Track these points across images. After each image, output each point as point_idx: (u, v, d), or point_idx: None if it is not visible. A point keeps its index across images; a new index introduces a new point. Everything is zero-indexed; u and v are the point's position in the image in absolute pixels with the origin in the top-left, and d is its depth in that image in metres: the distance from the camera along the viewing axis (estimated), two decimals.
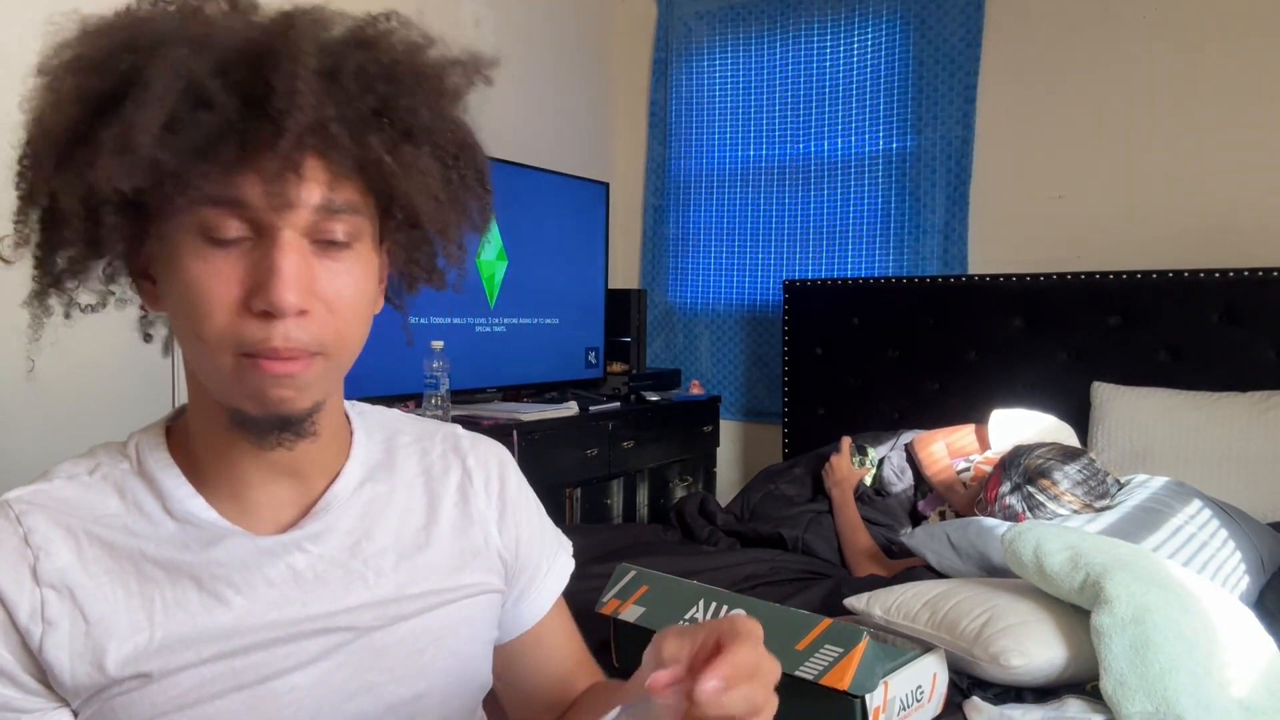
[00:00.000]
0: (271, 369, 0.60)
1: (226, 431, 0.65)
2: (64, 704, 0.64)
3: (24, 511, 0.65)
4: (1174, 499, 1.90)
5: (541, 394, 3.02)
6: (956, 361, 2.83)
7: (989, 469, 2.13)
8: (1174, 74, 2.66)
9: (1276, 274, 2.40)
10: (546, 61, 3.36)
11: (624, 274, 3.69)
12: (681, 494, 3.32)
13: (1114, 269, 2.62)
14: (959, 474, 2.38)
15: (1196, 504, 1.89)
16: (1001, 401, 2.53)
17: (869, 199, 3.16)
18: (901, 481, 2.50)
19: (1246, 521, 1.93)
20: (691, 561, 2.02)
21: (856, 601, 1.60)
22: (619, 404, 3.01)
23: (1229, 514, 1.91)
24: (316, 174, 0.59)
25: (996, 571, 1.73)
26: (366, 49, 0.61)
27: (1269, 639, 1.44)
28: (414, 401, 2.40)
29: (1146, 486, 1.96)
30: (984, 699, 1.39)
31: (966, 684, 1.44)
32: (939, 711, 1.35)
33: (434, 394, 2.36)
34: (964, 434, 2.52)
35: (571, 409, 2.75)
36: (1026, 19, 2.87)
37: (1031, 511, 1.92)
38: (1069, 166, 2.83)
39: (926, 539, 1.87)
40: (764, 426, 3.45)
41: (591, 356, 3.21)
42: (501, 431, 2.42)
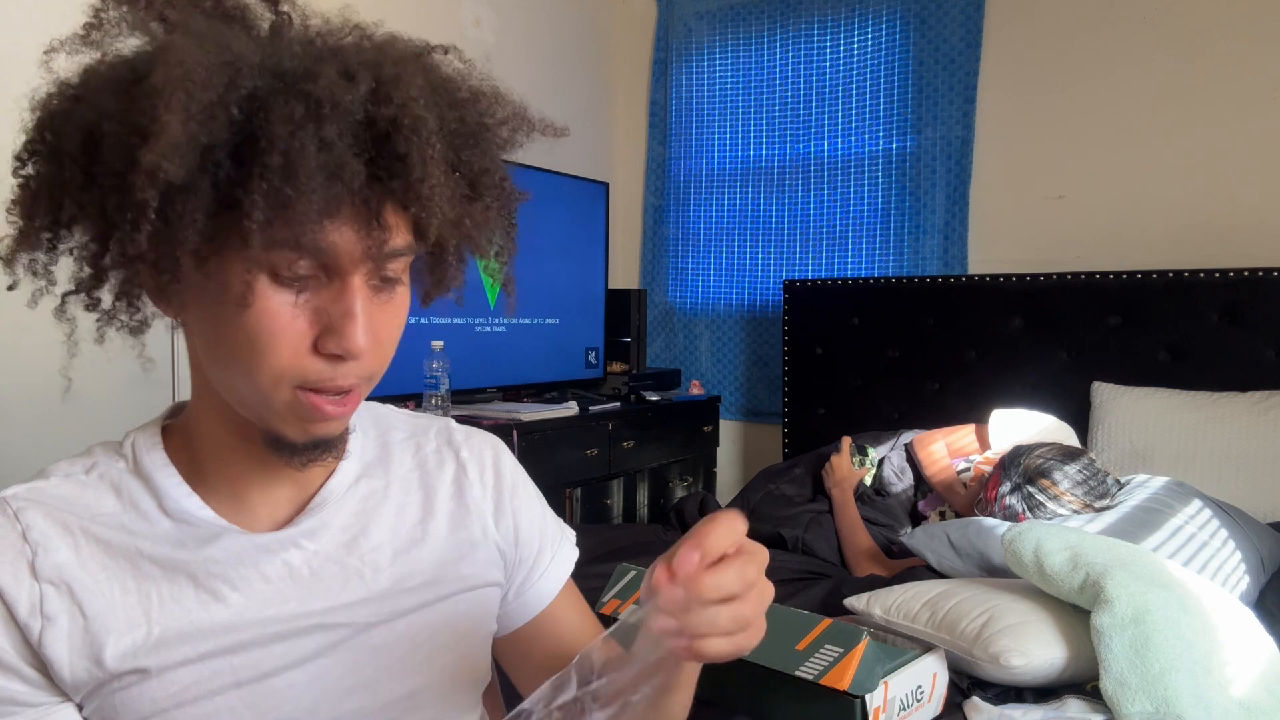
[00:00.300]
0: (331, 410, 0.61)
1: (233, 436, 0.66)
2: (67, 698, 0.64)
3: (21, 508, 0.65)
4: (1174, 499, 1.90)
5: (541, 394, 3.02)
6: (956, 361, 2.83)
7: (989, 469, 2.13)
8: (1174, 74, 2.66)
9: (1276, 274, 2.40)
10: (546, 61, 3.37)
11: (624, 274, 3.69)
12: (681, 494, 3.32)
13: (1114, 269, 2.62)
14: (959, 474, 2.38)
15: (1196, 504, 1.89)
16: (1001, 401, 2.53)
17: (869, 199, 3.16)
18: (901, 481, 2.50)
19: (1246, 521, 1.93)
20: None
21: (856, 601, 1.60)
22: (619, 404, 3.01)
23: (1229, 514, 1.91)
24: (392, 221, 0.59)
25: (996, 571, 1.73)
26: (455, 109, 0.61)
27: (1269, 639, 1.43)
28: (414, 401, 2.40)
29: (1146, 486, 1.96)
30: (984, 699, 1.39)
31: (966, 684, 1.44)
32: (939, 711, 1.35)
33: (434, 394, 2.36)
34: (964, 434, 2.52)
35: (571, 409, 2.75)
36: (1026, 19, 2.87)
37: (1031, 511, 1.92)
38: (1069, 166, 2.83)
39: (926, 539, 1.87)
40: (764, 426, 3.45)
41: (591, 356, 3.21)
42: (502, 431, 2.42)
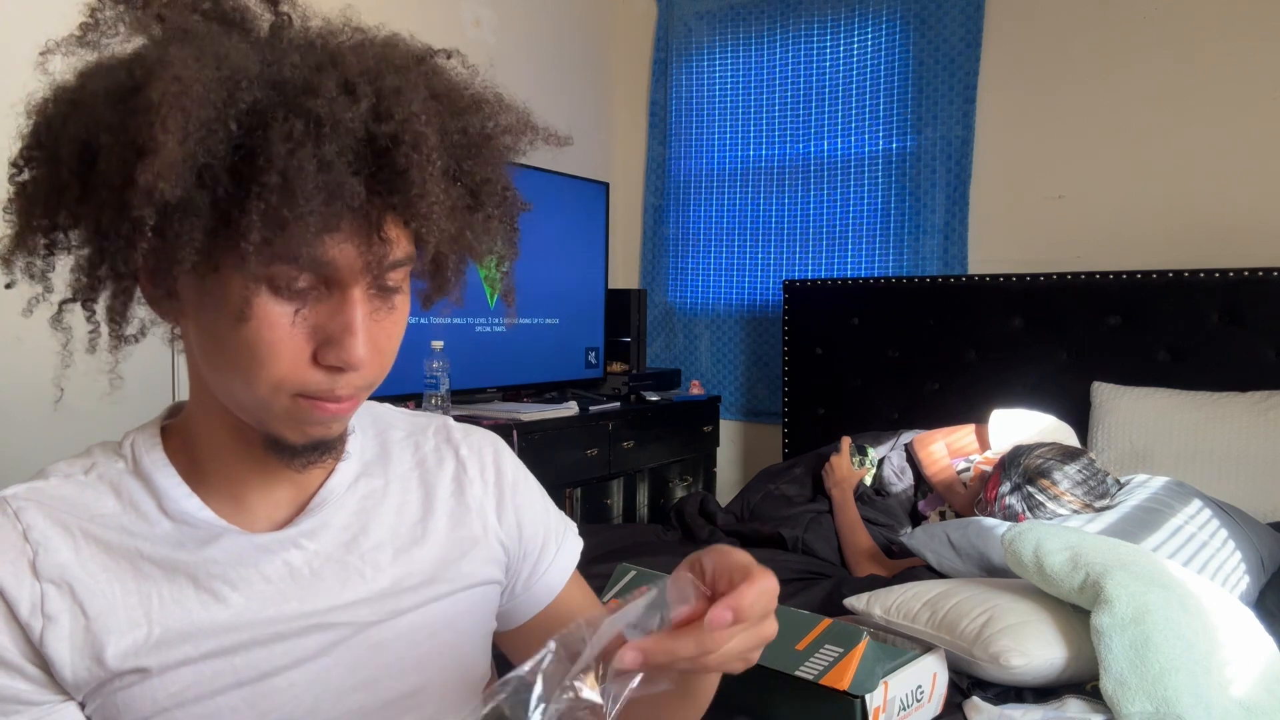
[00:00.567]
0: (330, 410, 0.61)
1: (232, 438, 0.66)
2: (69, 697, 0.64)
3: (21, 508, 0.65)
4: (1174, 499, 1.90)
5: (541, 394, 3.02)
6: (956, 361, 2.83)
7: (989, 469, 2.13)
8: (1174, 74, 2.66)
9: (1276, 274, 2.40)
10: (546, 62, 3.36)
11: (624, 274, 3.69)
12: (681, 494, 3.32)
13: (1114, 269, 2.62)
14: (959, 474, 2.38)
15: (1196, 504, 1.89)
16: (1001, 401, 2.53)
17: (869, 199, 3.16)
18: (901, 481, 2.50)
19: (1246, 521, 1.93)
20: None
21: (856, 601, 1.60)
22: (619, 404, 3.01)
23: (1229, 514, 1.91)
24: (392, 234, 0.59)
25: (996, 571, 1.73)
26: (458, 117, 0.61)
27: (1269, 639, 1.44)
28: (414, 401, 2.40)
29: (1146, 486, 1.96)
30: (984, 699, 1.39)
31: (966, 684, 1.44)
32: (939, 711, 1.35)
33: (434, 394, 2.36)
34: (964, 434, 2.52)
35: (571, 409, 2.75)
36: (1026, 19, 2.87)
37: (1031, 511, 1.92)
38: (1069, 166, 2.83)
39: (926, 539, 1.87)
40: (764, 426, 3.45)
41: (591, 356, 3.21)
42: (502, 431, 2.42)
